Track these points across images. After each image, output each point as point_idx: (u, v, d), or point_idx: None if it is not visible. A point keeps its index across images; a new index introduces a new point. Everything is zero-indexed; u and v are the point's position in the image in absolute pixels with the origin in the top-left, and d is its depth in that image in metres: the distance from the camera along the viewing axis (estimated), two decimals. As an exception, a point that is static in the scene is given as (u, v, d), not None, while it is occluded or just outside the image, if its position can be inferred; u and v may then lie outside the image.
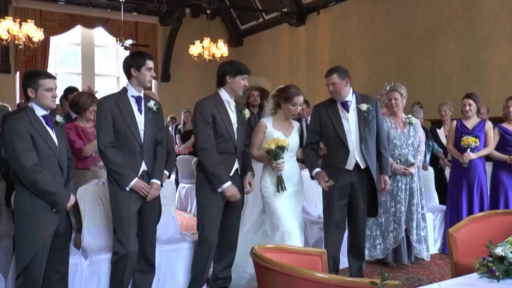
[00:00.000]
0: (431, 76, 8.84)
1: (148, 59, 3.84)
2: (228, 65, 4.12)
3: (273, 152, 4.03)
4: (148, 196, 3.82)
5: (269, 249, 2.64)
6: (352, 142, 4.32)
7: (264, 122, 4.31)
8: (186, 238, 4.64)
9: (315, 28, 11.69)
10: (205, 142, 3.98)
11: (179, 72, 14.02)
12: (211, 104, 4.05)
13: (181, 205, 9.20)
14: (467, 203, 5.58)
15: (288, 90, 4.24)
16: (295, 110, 4.25)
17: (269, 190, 4.22)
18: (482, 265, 2.48)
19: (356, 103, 4.41)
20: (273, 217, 4.17)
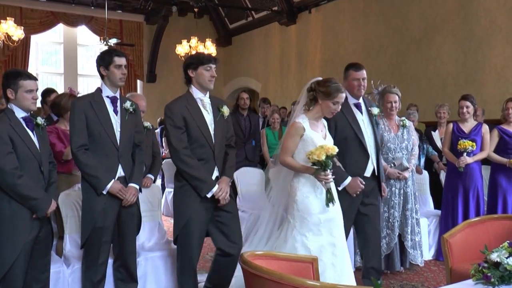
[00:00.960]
0: (426, 77, 8.91)
1: (116, 56, 3.75)
2: (188, 58, 3.91)
3: (322, 163, 3.49)
4: (123, 201, 3.75)
5: (258, 256, 2.64)
6: (370, 146, 4.18)
7: (301, 124, 3.70)
8: (173, 245, 4.62)
9: (307, 27, 11.74)
10: (179, 149, 3.72)
11: (166, 72, 13.99)
12: (181, 105, 3.77)
13: (167, 211, 9.16)
14: (463, 208, 5.63)
15: (329, 85, 3.68)
16: (336, 109, 3.74)
17: (311, 206, 3.64)
18: (477, 272, 2.51)
19: (365, 105, 4.31)
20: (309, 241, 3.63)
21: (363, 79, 4.19)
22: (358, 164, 4.14)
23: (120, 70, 3.75)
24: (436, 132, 6.85)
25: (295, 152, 3.72)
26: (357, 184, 4.04)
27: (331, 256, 3.61)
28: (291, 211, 3.73)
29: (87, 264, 3.77)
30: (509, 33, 7.64)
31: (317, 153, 3.47)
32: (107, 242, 3.78)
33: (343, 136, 4.09)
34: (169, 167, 9.04)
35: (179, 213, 3.87)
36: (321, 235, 3.62)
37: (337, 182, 3.91)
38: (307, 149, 3.63)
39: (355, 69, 4.24)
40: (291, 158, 3.72)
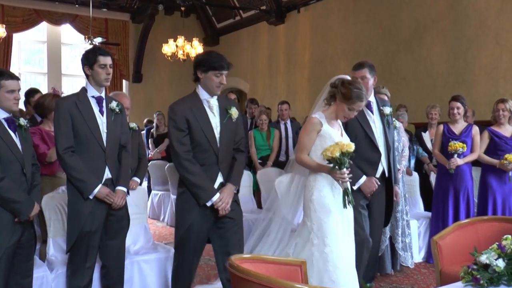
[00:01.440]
0: (416, 77, 8.97)
1: (100, 55, 3.68)
2: (200, 56, 3.75)
3: (337, 160, 3.37)
4: (113, 205, 3.72)
5: (245, 259, 2.64)
6: (381, 147, 4.13)
7: (318, 119, 3.60)
8: (158, 249, 4.62)
9: (295, 26, 11.77)
10: (180, 153, 3.60)
11: (152, 72, 13.96)
12: (184, 106, 3.64)
13: (153, 214, 9.15)
14: (453, 210, 5.69)
15: (351, 88, 3.56)
16: (350, 115, 3.64)
17: (329, 206, 3.53)
18: (466, 274, 2.53)
19: (377, 105, 4.24)
20: (322, 242, 3.52)
21: (362, 78, 4.12)
22: (369, 165, 4.07)
23: (105, 69, 3.69)
24: (426, 133, 6.90)
25: (312, 149, 3.61)
26: (372, 183, 4.00)
27: (345, 264, 3.52)
28: (308, 212, 3.61)
29: (73, 269, 3.72)
30: (499, 34, 7.72)
31: (330, 149, 3.36)
32: (95, 247, 3.74)
33: (353, 135, 3.98)
34: (155, 169, 9.03)
35: (180, 221, 3.76)
36: (338, 240, 3.50)
37: (352, 183, 3.81)
38: (324, 145, 3.52)
39: (354, 68, 4.24)
40: (307, 156, 3.61)
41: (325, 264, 3.44)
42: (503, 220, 3.93)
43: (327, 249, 3.46)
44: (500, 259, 2.49)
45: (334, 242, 3.49)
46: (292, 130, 7.87)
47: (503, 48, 7.67)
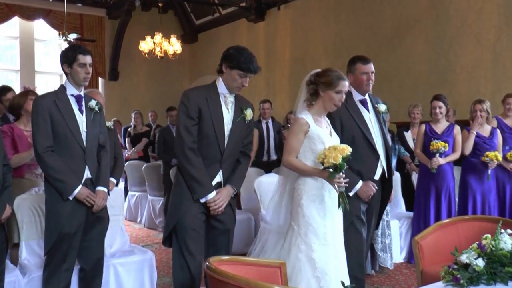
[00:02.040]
0: (398, 77, 9.06)
1: (79, 53, 3.65)
2: (232, 50, 3.54)
3: (337, 165, 3.29)
4: (94, 206, 3.71)
5: (224, 261, 2.64)
6: (379, 147, 4.00)
7: (305, 119, 3.52)
8: (135, 251, 4.60)
9: (276, 24, 11.80)
10: (186, 141, 3.47)
11: (129, 70, 13.86)
12: (200, 95, 3.53)
13: (130, 215, 9.11)
14: (435, 210, 5.77)
15: (329, 74, 3.55)
16: (340, 99, 3.56)
17: (318, 211, 3.49)
18: (447, 273, 2.57)
19: (371, 102, 4.13)
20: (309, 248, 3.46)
21: (372, 73, 3.99)
22: (367, 167, 3.94)
23: (84, 69, 3.66)
24: (408, 133, 6.97)
25: (300, 151, 3.54)
26: (370, 188, 3.87)
27: (335, 270, 3.46)
28: (296, 216, 3.53)
29: (50, 271, 3.68)
30: (480, 33, 7.84)
31: (332, 155, 3.27)
32: (74, 248, 3.71)
33: (350, 136, 3.88)
34: (132, 170, 8.98)
35: (172, 213, 3.59)
36: (327, 245, 3.45)
37: (347, 188, 3.66)
38: (313, 146, 3.50)
39: (364, 62, 4.01)
40: (297, 159, 3.53)
41: (313, 270, 3.40)
42: (484, 220, 3.99)
43: (315, 255, 3.41)
44: (480, 258, 2.54)
45: (322, 247, 3.44)
46: (273, 130, 7.89)
47: (484, 47, 7.80)
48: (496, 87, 7.52)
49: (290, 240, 3.53)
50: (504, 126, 5.97)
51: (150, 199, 8.50)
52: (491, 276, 2.50)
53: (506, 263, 2.52)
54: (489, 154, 5.50)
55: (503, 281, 2.49)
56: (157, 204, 8.29)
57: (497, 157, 5.52)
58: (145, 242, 7.35)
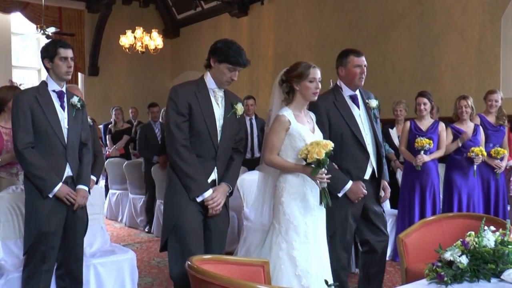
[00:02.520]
0: (382, 73, 9.12)
1: (60, 47, 3.66)
2: (220, 43, 3.50)
3: (320, 161, 3.29)
4: (74, 205, 3.70)
5: (206, 260, 2.64)
6: (369, 145, 3.93)
7: (286, 117, 3.51)
8: (116, 251, 4.58)
9: (259, 19, 11.79)
10: (178, 138, 3.39)
11: (109, 65, 13.77)
12: (189, 90, 3.46)
13: (111, 214, 9.07)
14: (420, 207, 5.83)
15: (298, 66, 3.58)
16: (316, 86, 3.55)
17: (298, 209, 3.50)
18: (431, 271, 2.61)
19: (362, 98, 4.05)
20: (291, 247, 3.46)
21: (365, 66, 3.93)
22: (357, 166, 3.90)
23: (66, 62, 3.66)
24: (394, 130, 7.02)
25: (282, 148, 3.53)
26: (359, 189, 3.83)
27: (317, 268, 3.46)
28: (277, 214, 3.54)
29: (30, 272, 3.66)
30: (465, 30, 7.93)
31: (316, 151, 3.27)
32: (54, 248, 3.69)
33: (338, 134, 3.84)
34: (113, 167, 8.93)
35: (168, 214, 3.50)
36: (308, 243, 3.46)
37: (336, 188, 3.74)
38: (294, 144, 3.49)
39: (357, 55, 3.93)
40: (278, 156, 3.52)
41: (294, 269, 3.41)
42: (468, 217, 4.05)
43: (296, 253, 3.42)
44: (464, 255, 2.58)
45: (303, 245, 3.45)
46: (257, 127, 7.89)
47: (469, 44, 7.88)
48: (481, 84, 7.60)
49: (271, 239, 3.54)
50: (487, 123, 6.04)
51: (131, 197, 8.46)
52: (474, 273, 2.54)
53: (489, 260, 2.56)
54: (474, 149, 5.58)
55: (486, 278, 2.53)
56: (139, 202, 8.26)
57: (482, 152, 5.59)
58: (126, 241, 7.32)
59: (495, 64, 7.54)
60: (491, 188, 5.94)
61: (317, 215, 3.56)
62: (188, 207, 3.43)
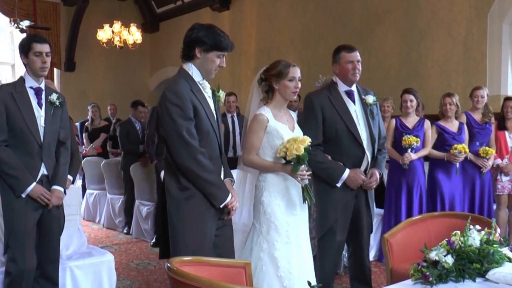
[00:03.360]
0: (368, 69, 9.13)
1: (35, 42, 3.66)
2: (203, 30, 3.22)
3: (300, 157, 3.33)
4: (49, 205, 3.71)
5: (186, 262, 2.64)
6: (365, 141, 3.98)
7: (264, 115, 3.52)
8: (93, 253, 4.56)
9: (241, 13, 11.79)
10: (194, 146, 3.14)
11: (86, 60, 13.66)
12: (187, 89, 3.19)
13: (88, 215, 9.01)
14: (406, 206, 5.88)
15: (277, 65, 3.59)
16: (295, 85, 3.57)
17: (279, 208, 3.51)
18: (416, 271, 2.63)
19: (358, 94, 4.10)
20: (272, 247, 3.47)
21: (358, 62, 4.00)
22: (352, 161, 3.93)
23: (40, 58, 3.65)
24: (379, 127, 7.07)
25: (260, 148, 3.54)
26: (358, 176, 3.89)
27: (299, 269, 3.49)
28: (257, 214, 3.56)
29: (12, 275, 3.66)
30: (451, 25, 8.00)
31: (294, 147, 3.31)
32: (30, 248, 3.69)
33: (332, 129, 3.91)
34: (90, 167, 8.87)
35: (190, 233, 3.21)
36: (290, 243, 3.48)
37: (334, 178, 3.78)
38: (272, 143, 3.51)
39: (349, 51, 4.02)
40: (257, 156, 3.54)
41: (276, 270, 3.42)
42: (454, 216, 4.09)
43: (277, 253, 3.44)
44: (449, 255, 2.60)
45: (285, 246, 3.47)
46: (238, 124, 7.89)
47: (455, 40, 7.96)
48: (467, 81, 7.68)
49: (251, 239, 3.55)
50: (473, 122, 6.11)
51: (109, 197, 8.42)
52: (459, 273, 2.57)
53: (474, 259, 2.59)
54: (457, 147, 5.65)
55: (471, 278, 2.57)
56: (117, 202, 8.22)
57: (465, 150, 5.66)
58: (104, 243, 7.28)
59: (481, 61, 7.63)
60: (476, 187, 6.02)
61: (299, 214, 3.59)
62: (213, 218, 3.27)
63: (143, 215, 7.42)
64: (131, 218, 7.77)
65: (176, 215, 3.24)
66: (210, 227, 3.24)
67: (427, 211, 5.75)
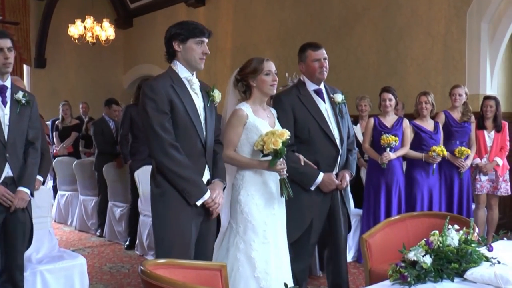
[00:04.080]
0: (346, 68, 9.24)
1: None
2: (173, 27, 3.33)
3: (278, 151, 3.35)
4: (11, 207, 3.65)
5: (160, 265, 2.63)
6: (337, 139, 3.97)
7: (244, 110, 3.56)
8: (65, 256, 4.52)
9: (217, 10, 11.78)
10: (165, 139, 3.18)
11: (57, 56, 13.51)
12: (165, 84, 3.24)
13: (60, 217, 8.93)
14: (385, 206, 5.93)
15: (251, 62, 3.64)
16: (273, 78, 3.61)
17: (257, 207, 3.52)
18: (394, 272, 2.66)
19: (327, 92, 4.09)
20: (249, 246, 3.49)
21: (324, 59, 3.97)
22: (326, 161, 3.94)
23: (2, 54, 3.59)
24: (357, 126, 7.11)
25: (238, 144, 3.57)
26: (332, 180, 3.90)
27: (276, 269, 3.49)
28: (234, 213, 3.57)
29: None
30: (430, 24, 8.10)
31: (272, 141, 3.32)
32: None
33: (305, 129, 3.91)
34: (61, 167, 8.79)
35: (164, 230, 3.25)
36: (267, 243, 3.50)
37: (308, 183, 3.80)
38: (251, 139, 3.53)
39: (314, 48, 3.99)
40: (235, 152, 3.56)
41: (253, 270, 3.43)
42: (433, 216, 4.13)
43: (254, 254, 3.45)
44: (428, 255, 2.64)
45: (262, 246, 3.48)
46: (215, 123, 7.89)
47: (434, 39, 8.06)
48: (447, 80, 7.79)
49: (228, 239, 3.55)
50: (452, 121, 6.20)
51: (82, 199, 8.35)
52: (438, 273, 2.61)
53: (452, 259, 2.64)
54: (436, 149, 5.73)
55: (449, 278, 2.60)
56: (90, 204, 8.15)
57: (443, 152, 5.75)
58: (76, 246, 7.22)
59: (460, 60, 7.74)
60: (455, 186, 6.12)
61: (277, 214, 3.61)
62: (190, 215, 3.24)
63: (117, 217, 7.38)
64: (104, 220, 7.71)
65: (153, 212, 3.30)
66: (188, 225, 3.22)
67: (406, 211, 5.82)
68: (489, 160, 6.30)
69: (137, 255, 6.57)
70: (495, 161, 6.28)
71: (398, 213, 5.77)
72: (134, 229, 6.82)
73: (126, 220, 7.22)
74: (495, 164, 6.29)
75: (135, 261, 6.30)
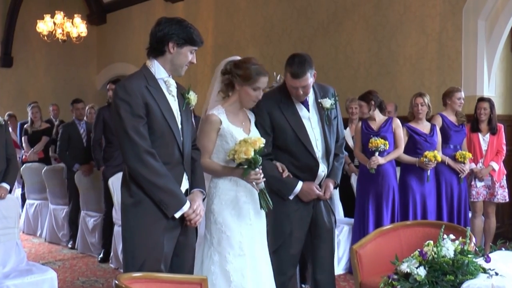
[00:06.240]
0: (335, 67, 9.27)
1: None
2: (174, 24, 3.22)
3: (251, 160, 3.30)
4: None
5: (136, 279, 2.63)
6: (318, 151, 3.89)
7: (216, 116, 3.52)
8: (34, 270, 4.50)
9: (197, 5, 11.78)
10: (141, 145, 3.08)
11: (25, 55, 13.44)
12: (140, 84, 3.14)
13: (28, 228, 8.87)
14: (377, 215, 5.93)
15: (248, 66, 3.53)
16: (257, 96, 3.56)
17: (232, 218, 3.51)
18: (386, 284, 2.68)
19: (315, 97, 3.97)
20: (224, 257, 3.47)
21: (303, 87, 3.76)
22: (305, 173, 3.88)
23: None
24: (347, 130, 7.11)
25: (214, 151, 3.54)
26: (311, 190, 3.85)
27: (252, 284, 3.46)
28: (208, 223, 3.54)
29: None
30: (424, 21, 8.15)
31: (243, 150, 3.28)
32: None
33: (282, 139, 3.85)
34: (30, 174, 8.72)
35: (134, 245, 3.17)
36: (243, 255, 3.48)
37: (286, 192, 3.79)
38: (225, 146, 3.51)
39: (293, 76, 3.74)
40: (209, 160, 3.52)
41: (228, 285, 3.41)
42: (427, 225, 4.15)
43: (229, 267, 3.44)
44: (422, 267, 2.66)
45: (238, 258, 3.47)
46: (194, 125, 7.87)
47: (429, 37, 8.11)
48: (442, 80, 7.85)
49: (202, 251, 3.53)
50: (449, 123, 6.23)
51: (52, 208, 8.29)
52: (432, 286, 2.62)
53: (448, 271, 2.66)
54: (428, 155, 5.73)
55: (444, 291, 2.64)
56: (61, 214, 8.10)
57: (436, 158, 5.76)
58: (46, 259, 7.17)
59: (456, 59, 7.79)
60: (454, 193, 6.13)
61: (254, 224, 3.59)
62: (167, 228, 3.18)
63: (90, 227, 7.34)
64: (76, 231, 7.66)
65: (123, 223, 3.23)
66: (160, 239, 3.15)
67: (400, 220, 5.83)
68: (484, 165, 6.36)
69: (111, 268, 6.54)
70: (491, 166, 6.34)
71: (391, 221, 5.77)
72: (108, 241, 6.79)
73: (99, 231, 7.18)
74: (491, 169, 6.34)
75: (109, 275, 6.27)
